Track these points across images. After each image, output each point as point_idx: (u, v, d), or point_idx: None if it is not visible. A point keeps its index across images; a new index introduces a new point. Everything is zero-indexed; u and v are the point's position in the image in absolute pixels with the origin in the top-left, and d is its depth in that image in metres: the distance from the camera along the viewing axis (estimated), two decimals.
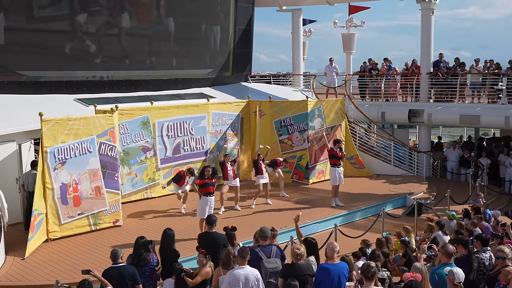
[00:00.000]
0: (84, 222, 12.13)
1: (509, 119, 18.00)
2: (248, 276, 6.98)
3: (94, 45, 17.29)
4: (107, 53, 17.74)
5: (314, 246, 7.84)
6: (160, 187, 15.27)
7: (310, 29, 31.11)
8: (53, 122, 11.58)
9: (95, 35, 17.30)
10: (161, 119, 15.30)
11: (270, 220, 12.65)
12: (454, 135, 29.19)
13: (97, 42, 17.37)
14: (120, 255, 7.59)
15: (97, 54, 17.43)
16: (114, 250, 7.68)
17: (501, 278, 7.55)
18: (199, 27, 20.55)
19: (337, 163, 14.57)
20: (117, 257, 7.55)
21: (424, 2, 19.89)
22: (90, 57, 17.28)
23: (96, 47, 17.35)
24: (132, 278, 7.44)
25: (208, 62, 21.07)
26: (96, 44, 17.33)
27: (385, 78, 21.82)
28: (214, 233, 8.94)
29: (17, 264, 10.29)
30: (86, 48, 17.11)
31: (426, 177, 19.25)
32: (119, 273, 7.39)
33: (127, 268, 7.54)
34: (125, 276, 7.40)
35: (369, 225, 12.39)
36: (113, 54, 17.95)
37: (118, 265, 7.52)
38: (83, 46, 17.04)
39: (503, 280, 7.51)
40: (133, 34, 18.27)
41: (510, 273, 7.49)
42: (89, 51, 17.21)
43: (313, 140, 17.00)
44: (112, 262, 7.57)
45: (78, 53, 16.94)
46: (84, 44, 17.05)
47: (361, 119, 20.32)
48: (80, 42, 16.97)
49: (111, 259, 7.58)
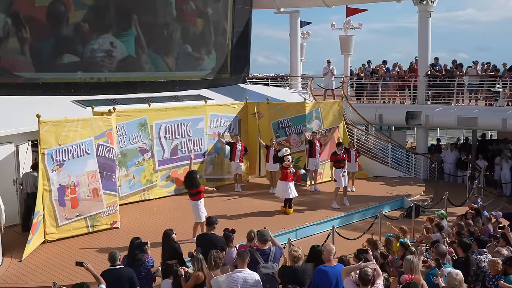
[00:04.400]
0: (82, 224, 12.11)
1: (506, 121, 18.05)
2: (247, 279, 6.97)
3: (92, 46, 17.27)
4: (105, 55, 17.70)
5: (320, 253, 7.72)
6: (158, 188, 15.27)
7: (308, 31, 31.12)
8: (51, 124, 11.56)
9: (94, 35, 17.27)
10: (158, 121, 15.29)
11: (268, 222, 12.62)
12: (452, 137, 29.25)
13: (95, 44, 17.34)
14: (118, 257, 7.58)
15: (94, 55, 17.40)
16: (112, 252, 7.67)
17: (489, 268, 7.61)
18: (197, 29, 20.55)
19: (341, 165, 14.69)
20: (115, 259, 7.55)
21: (421, 4, 19.95)
22: (88, 58, 17.25)
23: (94, 48, 17.32)
24: (129, 280, 7.43)
25: (206, 64, 21.06)
26: (94, 46, 17.30)
27: (382, 80, 21.85)
28: (212, 235, 8.93)
29: (14, 266, 10.27)
30: (84, 50, 17.09)
31: (424, 179, 19.29)
32: (117, 275, 7.39)
33: (125, 271, 7.53)
34: (123, 278, 7.40)
35: (366, 227, 12.40)
36: (111, 56, 17.91)
37: (116, 267, 7.51)
38: (81, 47, 17.02)
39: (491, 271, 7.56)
40: (131, 35, 18.24)
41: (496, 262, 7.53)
42: (87, 52, 17.19)
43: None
44: (110, 264, 7.56)
45: (75, 55, 16.91)
46: (82, 45, 17.04)
47: (358, 121, 20.35)
48: (78, 43, 16.95)
49: (109, 261, 7.57)
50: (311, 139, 16.33)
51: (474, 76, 20.01)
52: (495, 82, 19.37)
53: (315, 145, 16.33)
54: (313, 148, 16.33)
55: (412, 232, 12.44)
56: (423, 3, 19.88)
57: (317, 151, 16.41)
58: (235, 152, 15.94)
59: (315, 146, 16.33)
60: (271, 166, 16.17)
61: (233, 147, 16.01)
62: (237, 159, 16.02)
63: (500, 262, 7.61)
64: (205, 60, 21.05)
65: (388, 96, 21.96)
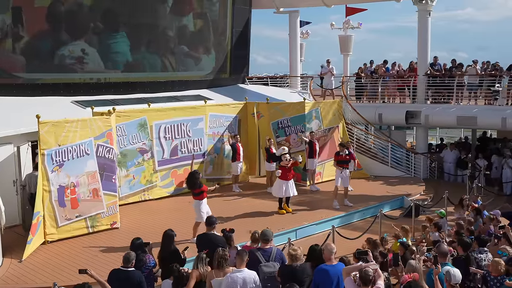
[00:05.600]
0: (82, 225, 12.10)
1: (506, 120, 18.04)
2: (246, 279, 6.98)
3: (91, 47, 17.26)
4: (104, 55, 17.70)
5: (319, 253, 7.73)
6: (158, 189, 15.27)
7: (307, 31, 31.13)
8: (51, 125, 11.56)
9: (93, 36, 17.28)
10: (158, 121, 15.28)
11: (268, 222, 12.62)
12: (452, 137, 29.26)
13: (95, 44, 17.34)
14: (132, 260, 7.48)
15: (94, 56, 17.40)
16: (128, 253, 7.57)
17: (491, 269, 7.58)
18: (196, 29, 20.55)
19: (343, 166, 14.69)
20: (129, 261, 7.45)
21: (421, 3, 19.96)
22: (87, 59, 17.24)
23: (93, 49, 17.32)
24: (138, 284, 7.36)
25: (205, 64, 21.06)
26: (93, 46, 17.30)
27: (382, 80, 21.85)
28: (212, 235, 8.94)
29: (14, 267, 10.26)
30: (83, 50, 17.08)
31: (423, 179, 19.29)
32: (126, 277, 7.34)
33: (136, 274, 7.45)
34: (132, 281, 7.33)
35: (366, 227, 12.40)
36: (110, 56, 17.91)
37: (128, 269, 7.43)
38: (80, 48, 17.02)
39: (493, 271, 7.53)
40: (130, 35, 18.24)
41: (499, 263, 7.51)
42: (86, 53, 17.18)
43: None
44: (122, 264, 7.49)
45: (75, 55, 16.91)
46: (81, 46, 17.03)
47: (358, 120, 20.35)
48: (77, 44, 16.95)
49: (123, 262, 7.48)
50: (311, 139, 16.33)
51: (474, 75, 20.02)
52: (494, 81, 19.38)
53: (315, 145, 16.33)
54: (313, 149, 16.34)
55: (412, 231, 12.44)
56: (423, 3, 19.89)
57: (317, 151, 16.41)
58: (238, 153, 16.06)
59: (315, 146, 16.34)
60: (271, 166, 16.15)
61: (236, 148, 16.08)
62: (240, 159, 16.18)
63: (502, 263, 7.58)
64: (205, 60, 21.05)
65: (387, 95, 21.97)
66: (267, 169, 16.48)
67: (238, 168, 16.37)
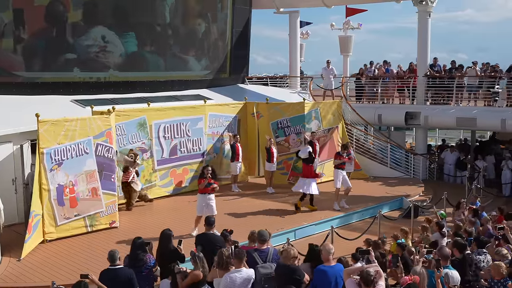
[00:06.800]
0: (81, 224, 12.10)
1: (505, 121, 18.05)
2: (244, 279, 6.98)
3: (91, 47, 17.25)
4: (104, 54, 17.69)
5: (318, 253, 7.71)
6: (157, 188, 15.26)
7: (307, 31, 31.15)
8: (50, 123, 11.56)
9: (93, 35, 17.26)
10: (158, 121, 15.28)
11: (268, 222, 12.62)
12: (451, 138, 29.28)
13: (94, 43, 17.33)
14: (117, 257, 7.44)
15: (94, 55, 17.39)
16: (111, 251, 7.53)
17: (493, 273, 7.55)
18: (196, 28, 20.55)
19: (343, 167, 14.70)
20: (114, 258, 7.41)
21: (421, 4, 19.96)
22: (87, 58, 17.24)
23: (93, 48, 17.32)
24: (128, 281, 7.30)
25: (205, 63, 21.06)
26: (93, 45, 17.29)
27: (382, 80, 21.85)
28: (211, 235, 8.93)
29: (12, 266, 10.26)
30: (83, 49, 17.08)
31: (423, 180, 19.29)
32: (115, 275, 7.30)
33: (125, 271, 7.41)
34: (122, 279, 7.29)
35: (365, 227, 12.40)
36: (110, 56, 17.90)
37: (116, 267, 7.40)
38: (80, 47, 17.01)
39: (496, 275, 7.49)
40: (130, 35, 18.23)
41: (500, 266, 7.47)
42: (86, 52, 17.17)
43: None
44: (109, 264, 7.49)
45: (74, 54, 16.90)
46: (81, 45, 17.02)
47: (358, 121, 20.35)
48: (77, 43, 16.94)
49: (109, 261, 7.46)
50: (311, 139, 16.30)
51: (473, 77, 20.03)
52: (494, 82, 19.39)
53: (316, 145, 16.30)
54: (314, 149, 16.21)
55: (411, 232, 12.44)
56: (423, 4, 19.89)
57: (317, 151, 16.37)
58: (238, 153, 16.08)
59: (315, 146, 16.27)
60: (270, 166, 16.20)
61: (236, 148, 16.14)
62: (240, 159, 16.22)
63: (504, 266, 7.53)
64: (204, 60, 21.04)
65: (387, 96, 21.97)
66: (267, 169, 16.47)
67: (237, 168, 16.39)
